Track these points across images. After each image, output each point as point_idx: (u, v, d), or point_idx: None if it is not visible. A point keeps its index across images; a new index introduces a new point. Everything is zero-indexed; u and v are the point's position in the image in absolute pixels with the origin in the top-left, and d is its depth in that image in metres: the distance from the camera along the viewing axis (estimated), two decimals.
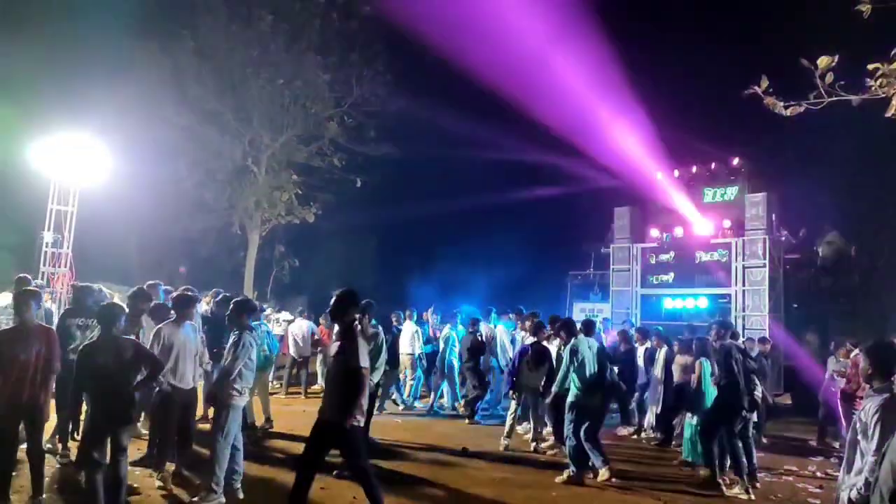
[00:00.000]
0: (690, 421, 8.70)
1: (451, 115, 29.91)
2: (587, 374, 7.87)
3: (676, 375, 9.71)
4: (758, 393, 8.18)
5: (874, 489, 3.49)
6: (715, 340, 8.01)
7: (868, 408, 3.82)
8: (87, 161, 13.82)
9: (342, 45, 21.00)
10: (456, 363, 12.26)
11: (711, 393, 8.21)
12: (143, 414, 7.97)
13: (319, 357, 13.64)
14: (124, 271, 17.75)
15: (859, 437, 3.83)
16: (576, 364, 7.89)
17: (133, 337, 6.22)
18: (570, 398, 7.91)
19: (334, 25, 20.68)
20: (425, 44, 24.05)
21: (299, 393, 13.29)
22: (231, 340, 6.38)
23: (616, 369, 9.86)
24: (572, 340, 8.11)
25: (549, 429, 9.89)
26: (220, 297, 9.38)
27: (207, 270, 23.71)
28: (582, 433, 7.73)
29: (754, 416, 8.26)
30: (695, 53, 25.13)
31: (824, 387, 11.14)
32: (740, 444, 7.62)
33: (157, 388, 6.53)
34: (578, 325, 8.60)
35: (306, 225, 22.34)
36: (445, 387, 12.66)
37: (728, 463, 7.78)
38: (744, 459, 7.57)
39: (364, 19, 20.90)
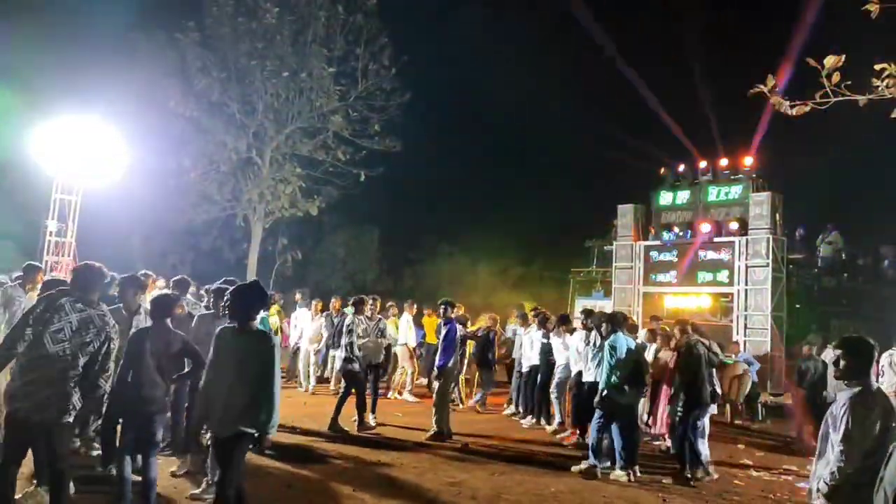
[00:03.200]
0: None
1: (455, 109, 29.99)
2: (626, 370, 7.76)
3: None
4: (717, 387, 8.51)
5: (878, 488, 3.54)
6: (680, 338, 8.28)
7: (840, 401, 3.98)
8: (93, 152, 13.83)
9: (348, 39, 21.00)
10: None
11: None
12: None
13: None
14: (127, 261, 17.73)
15: (830, 429, 3.96)
16: (614, 360, 7.75)
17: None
18: (601, 394, 7.82)
19: (340, 18, 20.67)
20: (431, 38, 24.10)
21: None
22: None
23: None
24: (611, 336, 7.90)
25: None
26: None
27: (210, 262, 23.74)
28: (617, 431, 7.73)
29: (714, 408, 8.63)
30: (701, 51, 25.07)
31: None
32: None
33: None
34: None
35: (309, 218, 22.36)
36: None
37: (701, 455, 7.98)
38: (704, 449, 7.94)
39: (369, 13, 20.88)
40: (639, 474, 7.73)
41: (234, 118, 20.71)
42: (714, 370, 8.40)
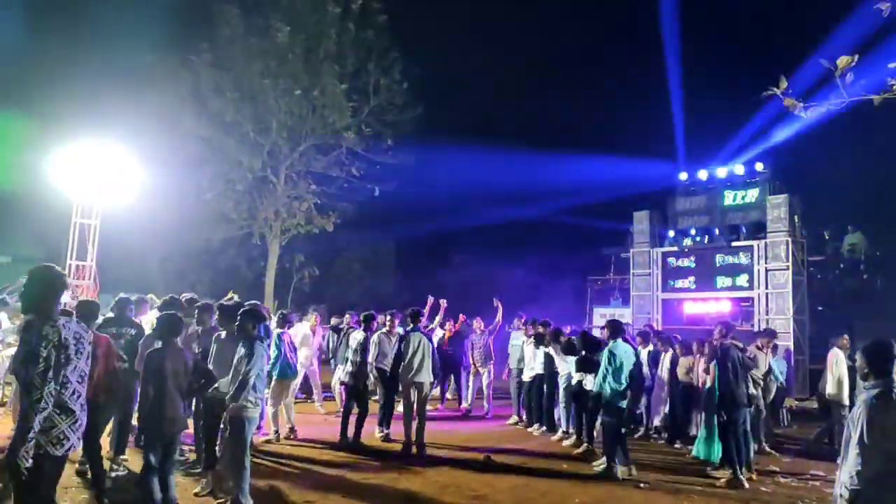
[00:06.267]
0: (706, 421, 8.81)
1: (467, 122, 30.04)
2: (623, 376, 8.02)
3: (680, 377, 10.15)
4: (752, 389, 8.65)
5: None
6: (716, 340, 8.38)
7: (857, 403, 3.95)
8: (110, 175, 14.01)
9: (359, 55, 21.14)
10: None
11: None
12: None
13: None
14: (146, 282, 17.93)
15: (851, 433, 3.90)
16: (614, 366, 8.02)
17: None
18: (606, 399, 8.06)
19: (350, 35, 20.82)
20: (442, 52, 24.21)
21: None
22: (242, 352, 6.20)
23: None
24: (610, 343, 8.23)
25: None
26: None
27: (228, 280, 23.90)
28: (610, 431, 8.04)
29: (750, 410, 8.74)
30: (715, 54, 25.01)
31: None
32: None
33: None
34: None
35: (325, 234, 22.44)
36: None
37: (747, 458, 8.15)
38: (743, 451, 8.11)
39: (379, 29, 21.03)
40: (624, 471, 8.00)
41: (249, 137, 20.86)
42: (749, 373, 8.54)
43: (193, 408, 7.05)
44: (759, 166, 15.89)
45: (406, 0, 21.81)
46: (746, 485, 7.76)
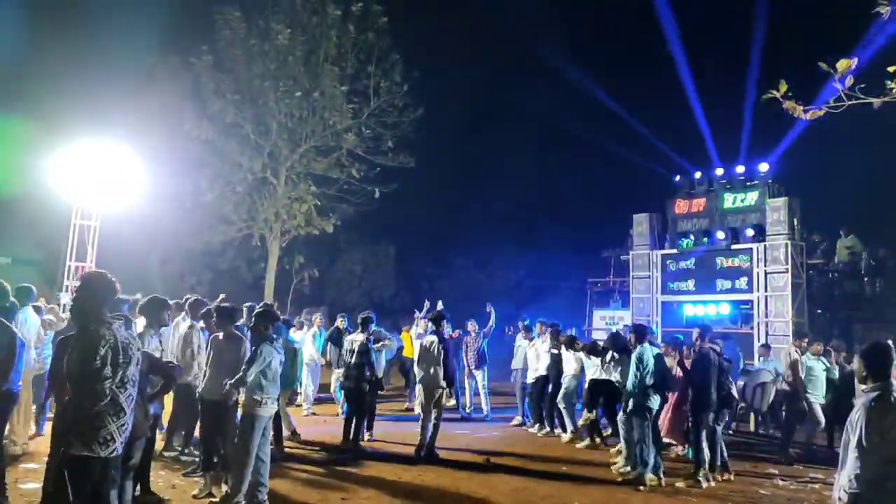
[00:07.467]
0: None
1: (467, 123, 30.08)
2: (653, 379, 8.10)
3: None
4: (734, 391, 8.81)
5: None
6: (693, 343, 8.54)
7: (856, 406, 3.93)
8: (110, 177, 13.99)
9: (359, 57, 21.14)
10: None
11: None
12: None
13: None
14: (146, 284, 17.88)
15: (851, 437, 3.88)
16: (644, 369, 8.08)
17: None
18: (637, 402, 8.09)
19: (351, 37, 20.83)
20: (444, 53, 24.24)
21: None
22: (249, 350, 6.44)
23: None
24: (638, 347, 8.26)
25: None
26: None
27: (228, 282, 23.88)
28: (652, 438, 8.10)
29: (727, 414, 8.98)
30: (714, 57, 25.01)
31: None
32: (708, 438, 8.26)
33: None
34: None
35: (325, 235, 22.42)
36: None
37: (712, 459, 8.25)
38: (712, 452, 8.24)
39: (380, 31, 21.04)
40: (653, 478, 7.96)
41: (249, 139, 20.87)
42: (728, 376, 8.64)
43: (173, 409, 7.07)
44: (759, 169, 15.90)
45: (407, 2, 21.86)
46: (704, 485, 7.81)
